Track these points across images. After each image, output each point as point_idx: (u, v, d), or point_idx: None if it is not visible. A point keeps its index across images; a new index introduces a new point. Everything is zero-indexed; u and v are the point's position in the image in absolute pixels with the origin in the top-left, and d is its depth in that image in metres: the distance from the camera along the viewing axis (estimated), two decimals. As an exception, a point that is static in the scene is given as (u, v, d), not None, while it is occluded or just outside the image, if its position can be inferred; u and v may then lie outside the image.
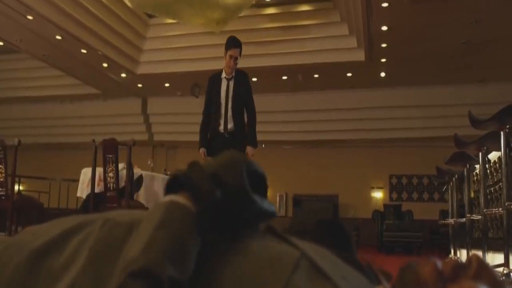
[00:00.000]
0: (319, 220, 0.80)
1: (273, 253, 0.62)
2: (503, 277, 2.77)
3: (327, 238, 0.73)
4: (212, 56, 8.39)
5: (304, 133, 11.44)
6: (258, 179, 0.71)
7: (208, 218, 0.63)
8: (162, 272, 0.54)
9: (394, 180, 12.22)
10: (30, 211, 5.21)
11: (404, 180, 12.17)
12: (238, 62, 4.30)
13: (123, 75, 10.03)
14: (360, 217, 11.23)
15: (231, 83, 4.30)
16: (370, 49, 8.52)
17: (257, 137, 4.32)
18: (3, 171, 4.30)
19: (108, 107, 11.97)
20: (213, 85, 4.36)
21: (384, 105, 10.54)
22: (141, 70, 9.87)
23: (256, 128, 4.34)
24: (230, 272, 0.60)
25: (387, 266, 0.71)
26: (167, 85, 10.71)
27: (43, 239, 0.71)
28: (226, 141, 4.19)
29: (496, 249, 3.72)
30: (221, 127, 4.24)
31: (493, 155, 4.17)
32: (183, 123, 11.39)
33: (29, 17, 7.49)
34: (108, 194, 4.23)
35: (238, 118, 4.27)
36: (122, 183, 4.21)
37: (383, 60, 8.99)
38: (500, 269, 2.86)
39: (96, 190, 4.38)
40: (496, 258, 3.61)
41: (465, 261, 0.53)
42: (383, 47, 8.37)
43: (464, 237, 4.75)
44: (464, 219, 4.60)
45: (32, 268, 0.67)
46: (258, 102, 4.41)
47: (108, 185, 4.22)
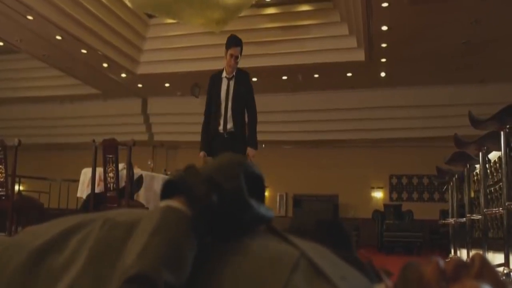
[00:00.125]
0: (319, 220, 0.79)
1: (273, 253, 0.62)
2: (504, 277, 2.77)
3: (327, 238, 0.73)
4: (212, 56, 8.39)
5: (304, 133, 11.43)
6: (256, 180, 0.70)
7: (204, 222, 0.62)
8: (158, 277, 0.54)
9: (394, 180, 12.21)
10: (30, 211, 5.20)
11: (404, 180, 12.16)
12: (239, 61, 4.24)
13: (123, 75, 10.03)
14: (360, 217, 11.22)
15: (231, 83, 4.24)
16: (370, 49, 8.52)
17: (257, 137, 4.26)
18: (3, 171, 4.29)
19: (108, 107, 11.97)
20: (214, 84, 4.31)
21: (384, 105, 10.53)
22: (141, 70, 9.87)
23: (257, 128, 4.28)
24: (230, 272, 0.60)
25: (387, 266, 0.71)
26: (167, 85, 10.71)
27: (43, 239, 0.71)
28: (225, 141, 4.15)
29: (496, 249, 3.72)
30: (221, 127, 4.18)
31: (493, 155, 4.17)
32: (183, 123, 11.39)
33: (29, 17, 7.48)
34: (108, 194, 4.22)
35: (238, 118, 4.20)
36: (122, 183, 4.21)
37: (383, 60, 8.99)
38: (501, 269, 2.86)
39: (96, 190, 4.38)
40: (496, 258, 3.61)
41: (468, 260, 0.53)
42: (383, 47, 8.37)
43: (464, 237, 4.76)
44: (464, 219, 4.60)
45: (32, 268, 0.67)
46: (258, 102, 4.38)
47: (108, 185, 4.22)
